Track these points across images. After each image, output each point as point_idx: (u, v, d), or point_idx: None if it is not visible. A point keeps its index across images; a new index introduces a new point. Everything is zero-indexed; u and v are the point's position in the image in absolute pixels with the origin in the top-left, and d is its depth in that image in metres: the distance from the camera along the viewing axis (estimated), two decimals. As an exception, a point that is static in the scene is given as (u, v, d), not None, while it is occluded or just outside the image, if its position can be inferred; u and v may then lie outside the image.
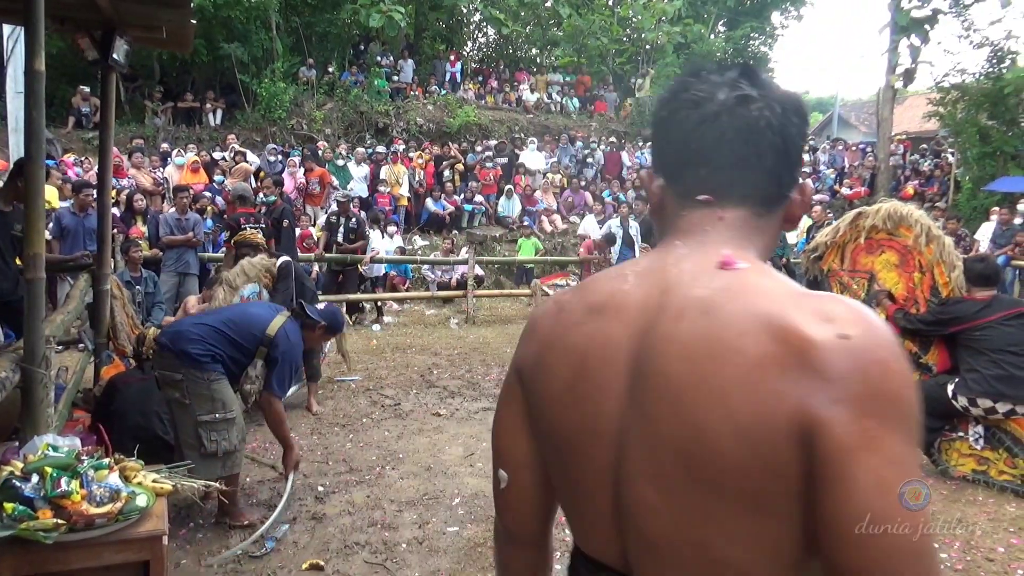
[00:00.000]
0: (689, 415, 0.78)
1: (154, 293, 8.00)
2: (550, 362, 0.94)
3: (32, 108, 2.92)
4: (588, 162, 16.31)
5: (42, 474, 2.23)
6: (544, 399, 0.94)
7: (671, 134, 0.95)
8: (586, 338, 0.90)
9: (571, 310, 0.94)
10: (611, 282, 0.94)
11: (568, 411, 0.91)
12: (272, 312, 3.80)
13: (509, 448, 1.02)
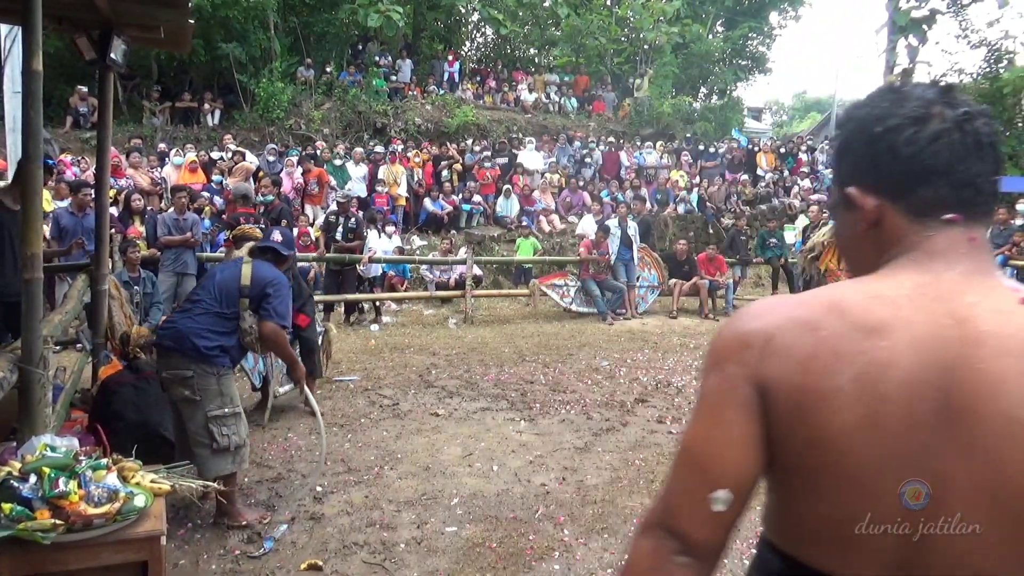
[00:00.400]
0: None
1: (152, 293, 8.00)
2: (829, 389, 0.87)
3: (30, 108, 2.92)
4: (586, 162, 16.32)
5: (40, 474, 2.23)
6: (827, 429, 0.87)
7: (897, 150, 0.93)
8: (878, 367, 0.85)
9: (836, 331, 0.88)
10: (876, 303, 0.90)
11: (865, 444, 0.86)
12: (236, 265, 3.78)
13: (739, 468, 0.94)
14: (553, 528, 3.61)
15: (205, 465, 3.43)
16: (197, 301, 3.66)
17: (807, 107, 50.10)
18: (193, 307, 3.64)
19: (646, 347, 8.49)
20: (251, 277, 3.70)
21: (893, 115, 0.94)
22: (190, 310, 3.64)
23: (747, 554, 3.34)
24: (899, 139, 0.92)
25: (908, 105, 0.93)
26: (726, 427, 0.93)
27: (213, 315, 3.60)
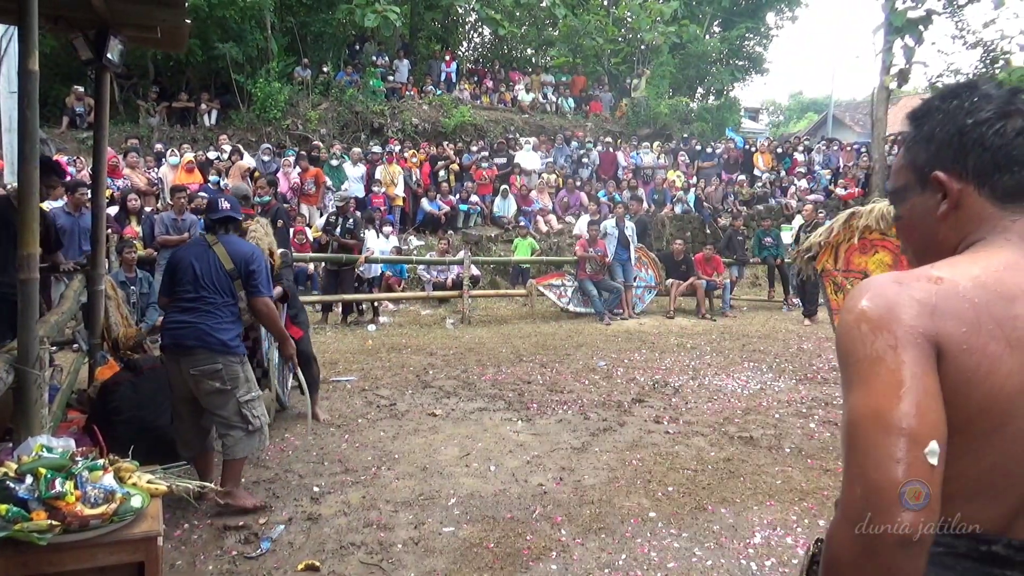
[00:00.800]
0: None
1: (149, 293, 7.99)
2: (997, 352, 0.93)
3: (26, 108, 2.91)
4: (583, 162, 16.33)
5: (36, 475, 2.23)
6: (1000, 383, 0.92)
7: (986, 141, 1.03)
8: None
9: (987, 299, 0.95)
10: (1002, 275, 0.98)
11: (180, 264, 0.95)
12: (204, 251, 3.80)
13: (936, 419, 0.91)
14: (550, 528, 3.61)
15: (239, 447, 3.70)
16: (199, 298, 3.70)
17: (803, 107, 50.17)
18: (199, 304, 3.70)
19: (643, 347, 8.50)
20: (230, 258, 3.79)
21: (982, 109, 1.03)
22: (198, 308, 3.69)
23: (744, 555, 3.35)
24: (989, 131, 1.02)
25: (994, 102, 1.03)
26: (918, 380, 0.91)
27: (222, 307, 3.72)
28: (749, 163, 17.92)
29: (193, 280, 3.73)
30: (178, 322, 3.69)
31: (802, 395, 6.35)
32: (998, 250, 1.01)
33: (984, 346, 0.92)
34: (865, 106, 29.41)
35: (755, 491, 4.12)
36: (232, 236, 3.92)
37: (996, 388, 0.91)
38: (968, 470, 0.95)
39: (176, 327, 3.69)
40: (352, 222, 10.17)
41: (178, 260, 3.84)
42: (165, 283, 3.91)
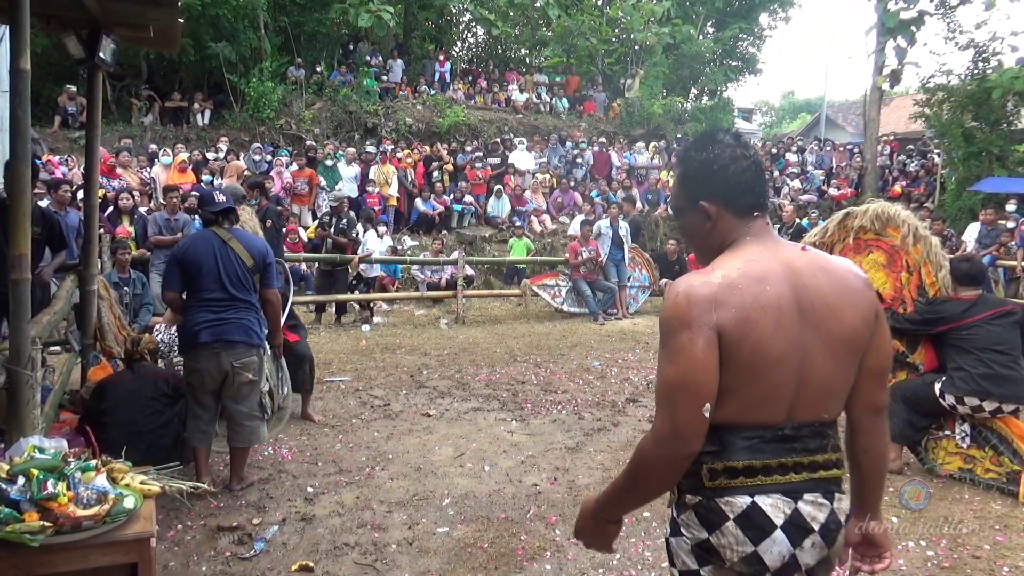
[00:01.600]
0: (845, 320, 1.53)
1: (142, 294, 7.95)
2: (755, 317, 1.47)
3: (18, 107, 2.90)
4: (577, 162, 16.34)
5: (28, 476, 2.21)
6: (757, 339, 1.46)
7: (727, 179, 1.59)
8: (773, 297, 1.49)
9: (744, 285, 1.49)
10: (756, 264, 1.52)
11: (778, 340, 1.48)
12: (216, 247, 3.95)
13: (712, 388, 1.46)
14: (545, 528, 3.61)
15: (256, 434, 4.03)
16: (232, 296, 3.89)
17: (796, 108, 50.34)
18: (234, 302, 3.90)
19: (637, 347, 8.51)
20: (248, 253, 3.95)
21: (721, 157, 1.59)
22: (234, 305, 3.90)
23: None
24: (727, 172, 1.58)
25: (727, 151, 1.60)
26: (706, 366, 1.45)
27: (253, 302, 3.98)
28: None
29: (218, 279, 3.88)
30: (218, 319, 3.86)
31: (795, 395, 6.36)
32: (747, 247, 1.57)
33: (748, 314, 1.46)
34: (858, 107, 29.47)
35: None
36: (240, 230, 4.09)
37: (756, 338, 1.47)
38: (757, 391, 1.49)
39: (217, 324, 3.85)
40: (346, 222, 10.15)
41: (194, 256, 3.90)
42: (175, 278, 3.93)
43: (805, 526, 1.52)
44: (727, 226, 1.60)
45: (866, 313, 1.56)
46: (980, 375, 4.07)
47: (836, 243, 4.87)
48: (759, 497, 1.51)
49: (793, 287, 1.52)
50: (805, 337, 1.50)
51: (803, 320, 1.51)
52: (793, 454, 1.54)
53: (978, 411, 4.12)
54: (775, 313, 1.48)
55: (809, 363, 1.51)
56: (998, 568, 3.26)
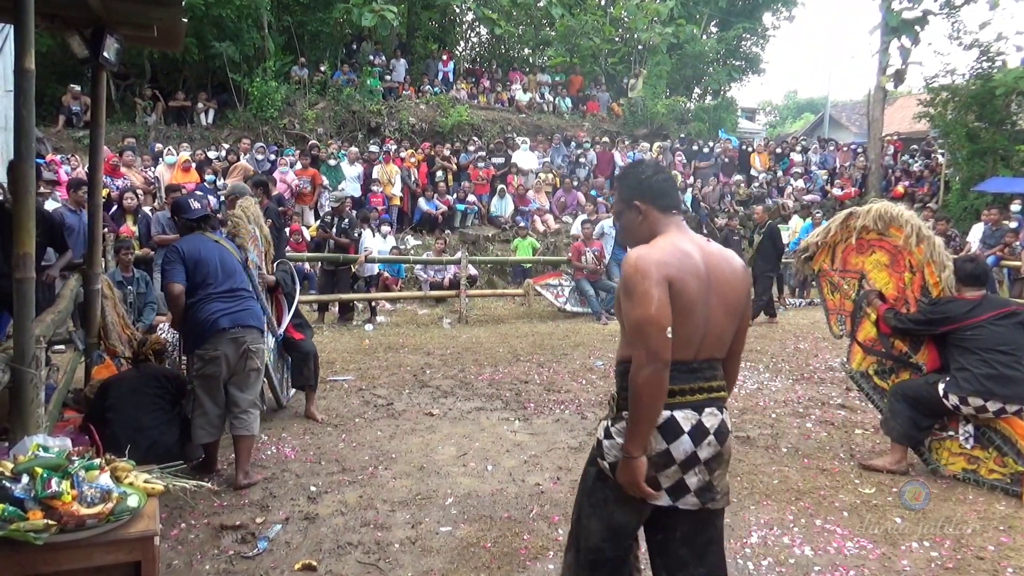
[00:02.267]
0: (733, 291, 2.19)
1: (146, 293, 7.97)
2: (686, 277, 2.09)
3: (22, 107, 2.90)
4: (580, 162, 16.33)
5: (32, 474, 2.22)
6: (687, 294, 2.08)
7: (654, 186, 2.27)
8: (693, 267, 2.12)
9: (677, 254, 2.12)
10: (678, 243, 2.17)
11: (696, 298, 2.09)
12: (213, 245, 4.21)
13: (670, 318, 2.05)
14: (548, 527, 3.61)
15: (256, 424, 4.16)
16: (237, 288, 4.12)
17: (800, 108, 50.25)
18: (240, 292, 4.12)
19: (640, 347, 8.49)
20: (235, 250, 4.32)
21: (647, 171, 2.31)
22: (241, 295, 4.12)
23: (741, 554, 3.35)
24: (652, 181, 2.27)
25: (651, 168, 2.33)
26: (664, 304, 2.04)
27: (252, 293, 4.16)
28: (746, 163, 17.95)
29: (224, 272, 4.07)
30: (232, 307, 4.03)
31: (799, 395, 6.36)
32: (671, 234, 2.21)
33: (682, 275, 2.08)
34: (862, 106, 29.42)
35: (751, 491, 4.13)
36: (219, 233, 4.34)
37: (687, 296, 2.08)
38: (681, 334, 2.08)
39: (235, 311, 4.03)
40: (348, 222, 10.16)
41: (196, 252, 4.07)
42: (179, 272, 4.02)
43: (704, 431, 2.16)
44: (654, 220, 2.26)
45: (745, 289, 2.26)
46: (984, 375, 4.06)
47: (839, 243, 4.86)
48: (676, 412, 2.13)
49: (704, 263, 2.15)
50: (710, 299, 2.14)
51: (709, 287, 2.14)
52: (698, 381, 2.17)
53: (982, 411, 4.11)
54: (695, 278, 2.11)
55: (711, 317, 2.15)
56: (1002, 569, 3.25)
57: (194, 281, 4.03)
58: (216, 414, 4.05)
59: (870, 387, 4.76)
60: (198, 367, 4.02)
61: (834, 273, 4.90)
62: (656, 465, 2.12)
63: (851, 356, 4.86)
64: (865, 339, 4.75)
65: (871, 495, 4.08)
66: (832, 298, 4.94)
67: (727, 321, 2.20)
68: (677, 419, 2.11)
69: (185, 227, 4.28)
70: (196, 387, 4.04)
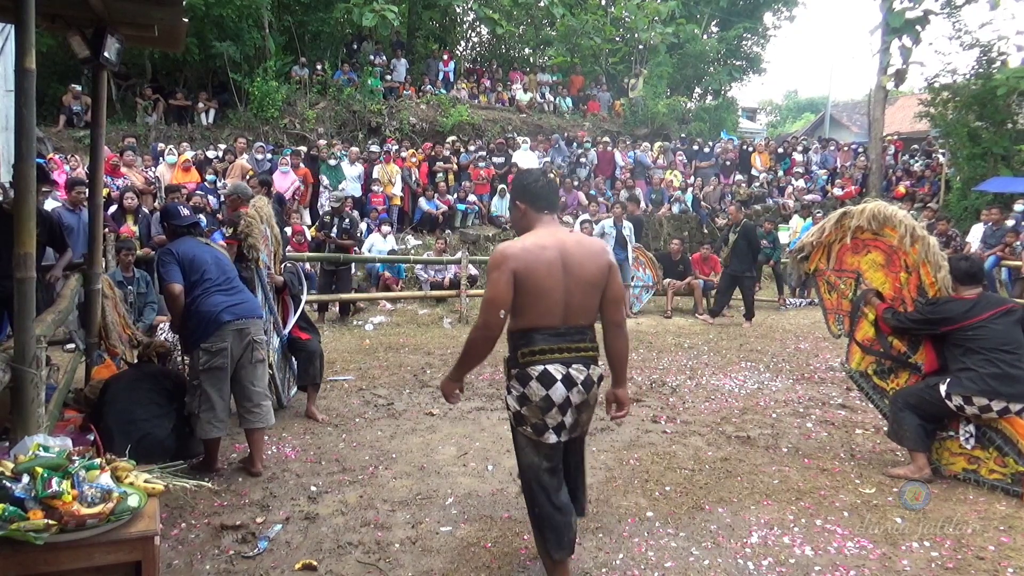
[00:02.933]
0: (589, 270, 2.83)
1: (146, 293, 7.97)
2: (537, 266, 2.74)
3: (23, 106, 2.91)
4: (581, 162, 16.32)
5: (33, 474, 2.22)
6: (537, 278, 2.74)
7: (538, 189, 2.93)
8: (546, 257, 2.76)
9: (533, 248, 2.77)
10: (541, 238, 2.82)
11: (549, 280, 2.75)
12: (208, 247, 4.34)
13: (508, 301, 2.74)
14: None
15: (271, 414, 4.31)
16: (233, 283, 4.23)
17: (800, 107, 50.23)
18: (236, 285, 4.24)
19: (640, 347, 8.50)
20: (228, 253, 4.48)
21: (530, 179, 2.96)
22: (238, 288, 4.24)
23: (741, 554, 3.35)
24: (535, 187, 2.92)
25: (533, 175, 2.98)
26: (506, 289, 2.73)
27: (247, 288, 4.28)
28: (747, 163, 17.94)
29: (218, 269, 4.16)
30: (234, 300, 4.13)
31: (799, 395, 6.35)
32: (539, 230, 2.86)
33: (532, 264, 2.73)
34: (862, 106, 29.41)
35: (752, 491, 4.13)
36: (215, 236, 4.53)
37: (535, 278, 2.73)
38: (541, 308, 2.77)
39: (238, 303, 4.13)
40: (348, 222, 10.16)
41: (192, 254, 4.14)
42: (175, 271, 4.07)
43: (573, 380, 2.84)
44: (530, 217, 2.94)
45: (602, 266, 2.86)
46: (989, 375, 4.04)
47: (834, 242, 4.84)
48: (548, 366, 2.81)
49: (560, 252, 2.80)
50: (567, 281, 2.79)
51: (565, 271, 2.79)
52: (565, 342, 2.84)
53: (986, 411, 4.09)
54: (546, 266, 2.76)
55: (570, 294, 2.80)
56: (1002, 569, 3.25)
57: (191, 279, 4.09)
58: (222, 408, 4.08)
59: (870, 387, 4.75)
60: (204, 361, 4.03)
61: (830, 273, 4.90)
62: (542, 409, 2.82)
63: (850, 356, 4.85)
64: (863, 339, 4.75)
65: (871, 495, 4.08)
66: (829, 298, 4.94)
67: (585, 296, 2.83)
68: (550, 371, 2.80)
69: (173, 233, 4.34)
70: (202, 382, 4.03)
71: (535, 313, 2.78)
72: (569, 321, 2.82)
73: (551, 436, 2.84)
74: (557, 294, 2.77)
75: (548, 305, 2.77)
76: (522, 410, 2.86)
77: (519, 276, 2.72)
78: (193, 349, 4.11)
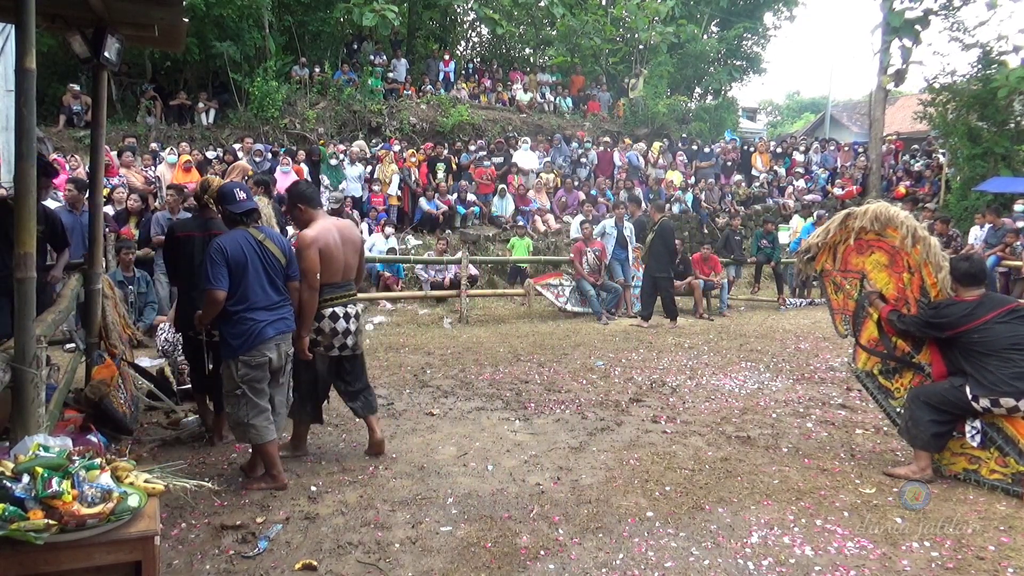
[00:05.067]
0: (354, 244, 4.47)
1: (146, 293, 7.98)
2: (328, 243, 4.22)
3: (23, 106, 2.90)
4: (581, 162, 16.33)
5: (33, 474, 2.22)
6: (329, 251, 4.23)
7: (310, 194, 4.41)
8: (331, 237, 4.27)
9: (323, 232, 4.22)
10: (325, 225, 4.27)
11: (336, 251, 4.28)
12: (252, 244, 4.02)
13: (318, 268, 4.16)
14: (548, 528, 3.61)
15: (283, 422, 4.38)
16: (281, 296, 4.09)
17: (800, 107, 50.23)
18: (282, 300, 4.09)
19: (641, 347, 8.50)
20: (282, 252, 4.11)
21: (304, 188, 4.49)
22: (283, 304, 4.10)
23: (741, 554, 3.35)
24: (308, 192, 4.44)
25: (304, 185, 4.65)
26: (315, 261, 4.15)
27: (288, 298, 4.15)
28: (747, 163, 17.94)
29: (267, 281, 4.01)
30: (275, 317, 4.01)
31: (799, 395, 6.35)
32: (318, 221, 4.27)
33: (326, 243, 4.21)
34: (863, 106, 29.43)
35: (752, 491, 4.13)
36: (266, 227, 4.32)
37: (329, 252, 4.23)
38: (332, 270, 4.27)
39: (276, 319, 4.01)
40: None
41: (242, 258, 3.91)
42: (224, 276, 3.85)
43: (348, 316, 4.36)
44: (309, 214, 4.25)
45: (358, 243, 4.47)
46: (1012, 375, 3.98)
47: (839, 244, 4.85)
48: (335, 308, 4.31)
49: (339, 233, 4.27)
50: (345, 251, 4.30)
51: (341, 244, 4.25)
52: (342, 292, 4.37)
53: (1014, 411, 4.05)
54: (333, 241, 4.20)
55: (346, 260, 4.32)
56: (1003, 569, 3.25)
57: (236, 286, 3.89)
58: (269, 411, 4.05)
59: (875, 386, 4.76)
60: (243, 373, 3.91)
61: (836, 273, 4.91)
62: (335, 334, 4.31)
63: (856, 355, 4.86)
64: (868, 340, 4.75)
65: (872, 495, 4.08)
66: (836, 298, 4.95)
67: (353, 260, 4.41)
68: (336, 311, 4.31)
69: (230, 220, 4.07)
70: (245, 391, 3.93)
71: (327, 274, 4.21)
72: (345, 277, 4.37)
73: (336, 351, 4.37)
74: (339, 262, 4.26)
75: (335, 269, 4.24)
76: (318, 337, 4.29)
77: (321, 251, 4.13)
78: (231, 359, 3.96)
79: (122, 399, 4.55)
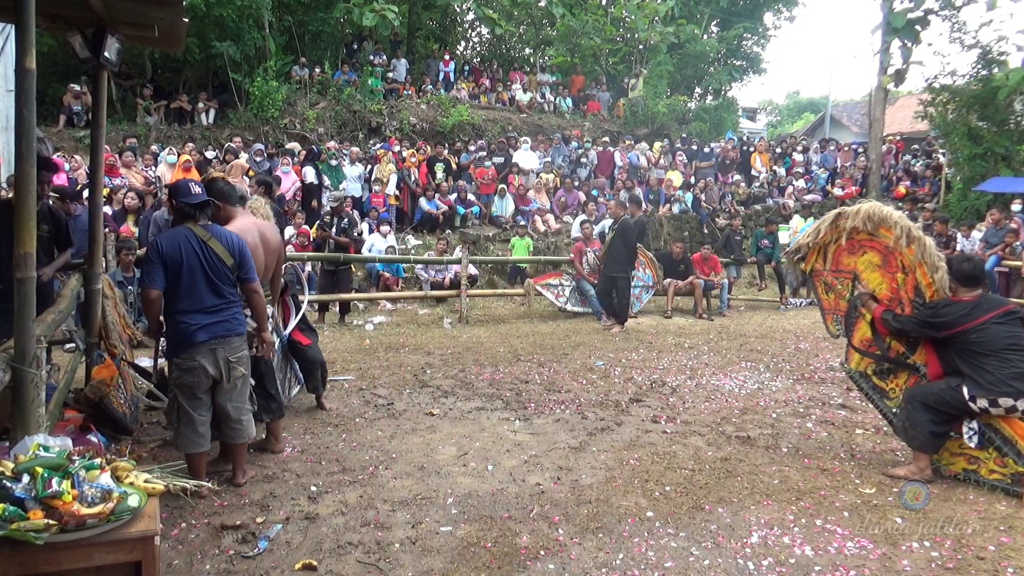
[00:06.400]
0: (272, 247, 4.49)
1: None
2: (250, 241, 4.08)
3: (23, 106, 2.90)
4: (581, 162, 16.33)
5: (33, 474, 2.22)
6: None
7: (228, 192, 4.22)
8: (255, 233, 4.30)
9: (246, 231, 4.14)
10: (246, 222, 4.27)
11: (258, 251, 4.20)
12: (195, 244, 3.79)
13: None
14: (548, 528, 3.61)
15: (251, 428, 4.14)
16: (222, 299, 3.84)
17: (800, 107, 50.25)
18: (223, 302, 3.85)
19: (641, 347, 8.50)
20: (227, 251, 3.84)
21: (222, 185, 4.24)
22: (225, 306, 3.86)
23: (741, 554, 3.35)
24: (227, 190, 4.21)
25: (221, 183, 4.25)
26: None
27: (238, 298, 3.96)
28: (747, 163, 17.94)
29: (207, 282, 3.78)
30: (212, 320, 3.79)
31: (799, 395, 6.35)
32: (239, 220, 4.20)
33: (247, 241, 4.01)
34: (863, 106, 29.41)
35: (752, 491, 4.13)
36: (215, 225, 3.92)
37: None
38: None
39: (212, 323, 3.79)
40: (347, 221, 10.17)
41: (178, 257, 3.71)
42: (159, 275, 3.70)
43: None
44: (227, 211, 4.16)
45: (277, 246, 4.55)
46: (1010, 375, 3.99)
47: (829, 243, 4.82)
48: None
49: (259, 233, 4.27)
50: (265, 252, 4.28)
51: (264, 246, 4.27)
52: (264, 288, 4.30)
53: (1012, 411, 4.05)
54: (253, 243, 4.10)
55: (266, 262, 4.34)
56: (1002, 569, 3.25)
57: (172, 285, 3.75)
58: (200, 423, 3.85)
59: (869, 387, 4.75)
60: (175, 376, 3.85)
61: (827, 273, 4.88)
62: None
63: (849, 356, 4.85)
64: (860, 341, 4.72)
65: (872, 495, 4.08)
66: (827, 298, 4.92)
67: (271, 262, 4.47)
68: None
69: (180, 212, 3.91)
70: (177, 395, 3.86)
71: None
72: (264, 278, 4.33)
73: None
74: (260, 260, 4.21)
75: (256, 263, 4.09)
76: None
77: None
78: (169, 360, 3.92)
79: (122, 399, 4.55)
